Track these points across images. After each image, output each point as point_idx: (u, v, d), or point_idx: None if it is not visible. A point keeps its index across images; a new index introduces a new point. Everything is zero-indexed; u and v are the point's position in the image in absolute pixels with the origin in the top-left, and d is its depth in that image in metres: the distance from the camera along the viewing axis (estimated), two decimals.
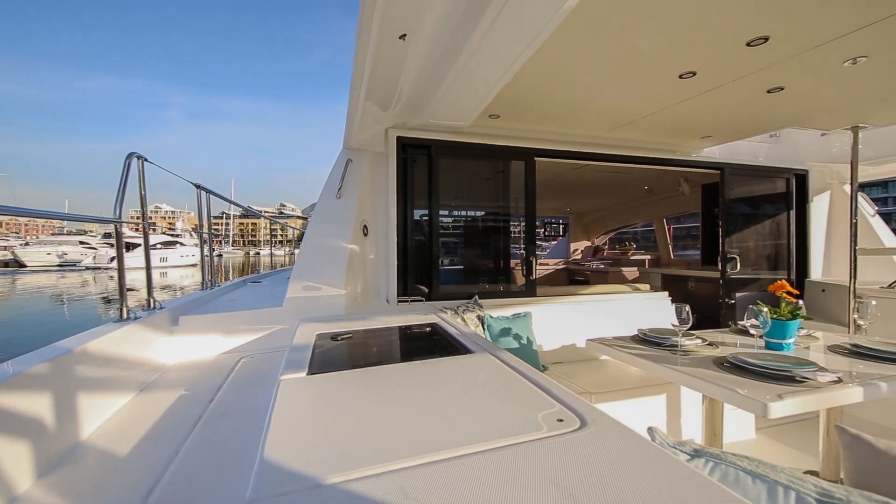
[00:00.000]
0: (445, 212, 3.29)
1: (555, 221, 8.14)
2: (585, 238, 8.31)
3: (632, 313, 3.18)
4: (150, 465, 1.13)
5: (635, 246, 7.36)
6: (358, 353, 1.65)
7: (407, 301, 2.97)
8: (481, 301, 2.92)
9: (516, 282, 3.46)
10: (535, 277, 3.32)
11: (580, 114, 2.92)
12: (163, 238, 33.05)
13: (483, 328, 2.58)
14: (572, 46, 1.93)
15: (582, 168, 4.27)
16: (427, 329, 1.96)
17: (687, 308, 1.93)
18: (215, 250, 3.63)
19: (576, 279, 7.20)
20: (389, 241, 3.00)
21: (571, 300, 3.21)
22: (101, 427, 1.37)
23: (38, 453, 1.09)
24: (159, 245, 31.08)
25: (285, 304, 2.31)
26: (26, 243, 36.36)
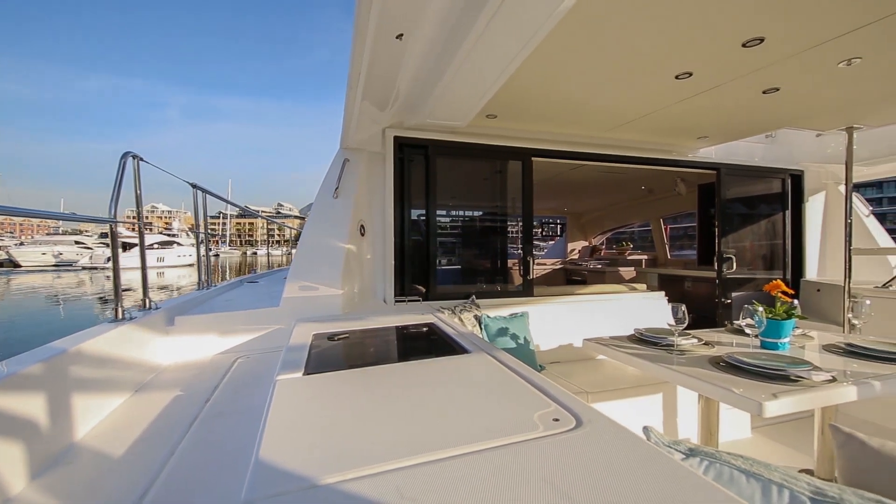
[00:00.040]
0: (443, 212, 3.28)
1: (552, 221, 8.16)
2: (583, 238, 8.33)
3: (629, 313, 3.19)
4: (146, 466, 1.12)
5: (632, 246, 7.38)
6: (355, 353, 1.65)
7: (404, 301, 2.97)
8: (478, 301, 2.92)
9: (513, 282, 3.46)
10: (533, 277, 3.32)
11: (577, 114, 2.93)
12: (160, 238, 32.88)
13: (480, 328, 2.58)
14: (569, 47, 1.93)
15: (579, 168, 4.28)
16: (424, 329, 1.96)
17: (683, 308, 1.93)
18: (212, 250, 3.61)
19: (573, 279, 7.21)
20: (386, 241, 3.00)
21: (568, 300, 3.21)
22: (96, 428, 1.36)
23: (33, 454, 1.09)
24: (156, 245, 30.90)
25: (282, 305, 2.30)
26: (21, 243, 36.13)
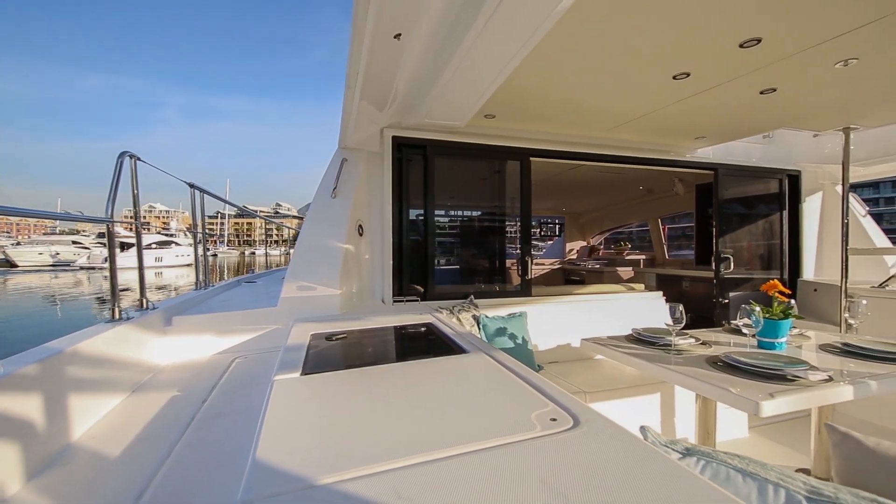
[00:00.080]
0: (441, 212, 3.28)
1: (551, 221, 8.17)
2: (581, 238, 8.34)
3: (627, 313, 3.20)
4: (142, 467, 1.12)
5: (630, 246, 7.39)
6: (352, 354, 1.65)
7: (402, 301, 2.96)
8: (477, 301, 2.92)
9: (512, 282, 3.46)
10: (531, 277, 3.33)
11: (575, 114, 2.93)
12: (158, 238, 32.79)
13: (478, 328, 2.58)
14: (567, 47, 1.94)
15: (577, 168, 4.29)
16: (422, 329, 1.96)
17: (680, 307, 1.94)
18: (210, 250, 3.61)
19: (571, 279, 7.22)
20: (385, 241, 3.00)
21: (567, 300, 3.22)
22: (93, 428, 1.36)
23: (29, 455, 1.08)
24: (154, 245, 30.81)
25: (280, 304, 2.29)
26: (18, 243, 35.99)
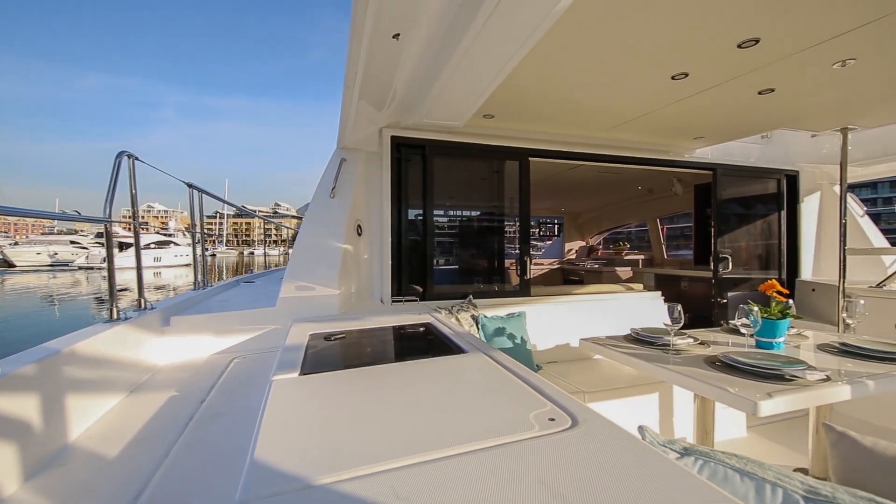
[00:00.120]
0: (440, 212, 3.28)
1: (549, 221, 8.18)
2: (580, 238, 8.35)
3: (625, 313, 3.20)
4: (140, 467, 1.11)
5: (629, 246, 7.40)
6: (351, 354, 1.65)
7: (401, 301, 2.96)
8: (476, 301, 2.92)
9: (511, 282, 3.47)
10: (530, 277, 3.33)
11: (574, 114, 2.93)
12: (157, 238, 32.72)
13: (477, 328, 2.58)
14: (566, 47, 1.94)
15: (576, 168, 4.29)
16: (421, 329, 1.96)
17: (679, 307, 1.94)
18: (209, 250, 3.60)
19: (570, 279, 7.23)
20: (384, 241, 2.99)
21: (566, 300, 3.22)
22: (91, 429, 1.35)
23: (25, 455, 1.08)
24: (153, 245, 30.74)
25: (278, 305, 2.29)
26: (15, 243, 35.88)
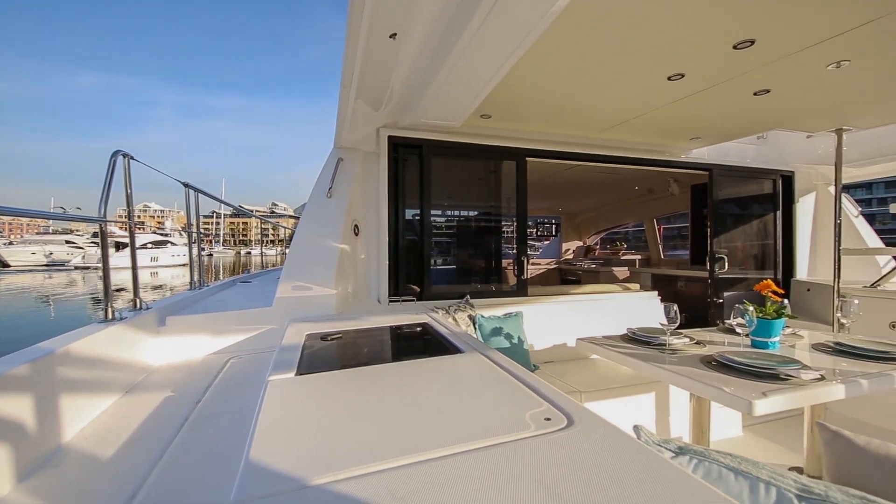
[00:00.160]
0: (437, 211, 3.28)
1: (547, 221, 8.19)
2: (577, 238, 8.36)
3: (622, 312, 3.21)
4: (135, 468, 1.11)
5: (626, 246, 7.42)
6: (348, 354, 1.64)
7: (398, 301, 2.96)
8: (473, 301, 2.92)
9: (508, 281, 3.47)
10: (527, 277, 3.33)
11: (571, 114, 2.94)
12: (154, 237, 32.53)
13: (474, 328, 2.58)
14: (562, 47, 1.94)
15: (573, 168, 4.30)
16: (418, 329, 1.96)
17: (675, 307, 1.95)
18: (205, 250, 3.59)
19: (567, 279, 7.24)
20: (381, 241, 2.99)
21: (563, 300, 3.23)
22: (85, 429, 1.35)
23: (19, 457, 1.07)
24: (150, 245, 30.57)
25: (275, 304, 2.29)
26: (10, 242, 35.62)
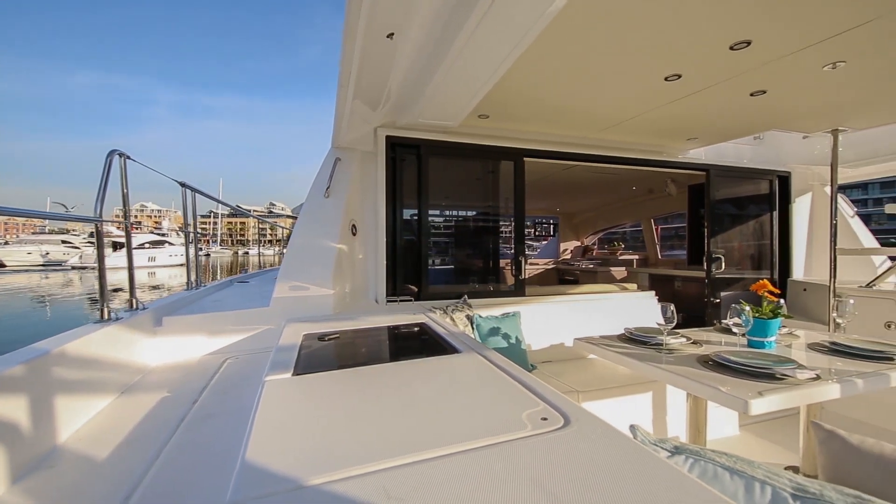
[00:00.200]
0: (435, 211, 3.28)
1: (545, 221, 8.20)
2: (575, 238, 8.38)
3: (620, 312, 3.22)
4: (130, 469, 1.10)
5: (624, 246, 7.45)
6: (345, 354, 1.64)
7: (396, 301, 2.96)
8: (470, 301, 2.92)
9: (506, 281, 3.47)
10: (525, 277, 3.33)
11: (568, 115, 2.94)
12: (151, 237, 32.38)
13: (472, 328, 2.58)
14: (560, 48, 1.94)
15: (571, 168, 4.31)
16: (415, 329, 1.96)
17: (672, 307, 1.95)
18: (203, 250, 3.57)
19: (565, 279, 7.26)
20: (378, 241, 2.99)
21: (560, 300, 3.23)
22: (80, 430, 1.34)
23: (13, 457, 1.07)
24: (147, 245, 30.42)
25: (272, 305, 2.28)
26: (6, 242, 35.40)
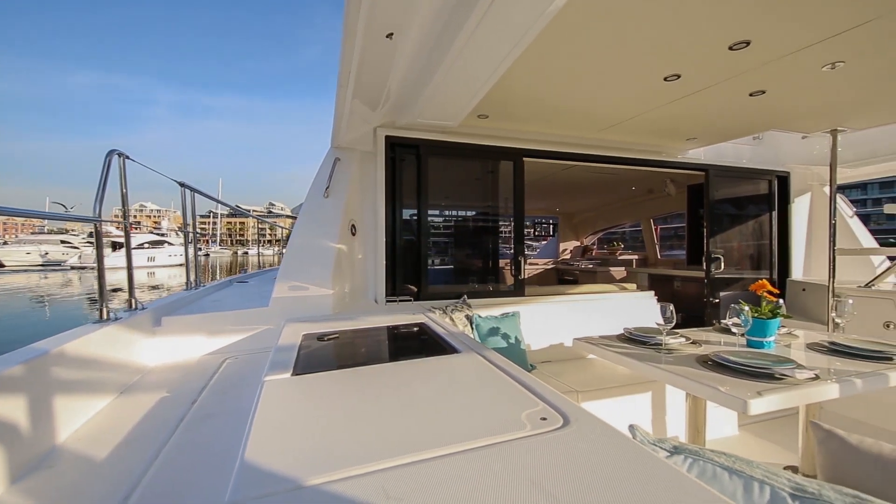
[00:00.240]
0: (434, 211, 3.28)
1: (544, 221, 8.21)
2: (574, 238, 8.38)
3: (619, 312, 3.22)
4: (129, 469, 1.10)
5: (623, 246, 7.45)
6: (344, 354, 1.64)
7: (395, 301, 2.96)
8: (470, 301, 2.92)
9: (505, 281, 3.47)
10: (524, 277, 3.33)
11: (568, 115, 2.94)
12: (150, 237, 32.36)
13: (472, 328, 2.58)
14: (559, 48, 1.94)
15: (570, 168, 4.31)
16: (414, 329, 1.96)
17: (671, 307, 1.95)
18: (202, 250, 3.57)
19: (565, 279, 7.26)
20: (378, 241, 2.99)
21: (560, 300, 3.23)
22: (79, 430, 1.34)
23: (12, 458, 1.06)
24: (147, 245, 30.40)
25: (271, 305, 2.28)
26: (5, 242, 35.35)
